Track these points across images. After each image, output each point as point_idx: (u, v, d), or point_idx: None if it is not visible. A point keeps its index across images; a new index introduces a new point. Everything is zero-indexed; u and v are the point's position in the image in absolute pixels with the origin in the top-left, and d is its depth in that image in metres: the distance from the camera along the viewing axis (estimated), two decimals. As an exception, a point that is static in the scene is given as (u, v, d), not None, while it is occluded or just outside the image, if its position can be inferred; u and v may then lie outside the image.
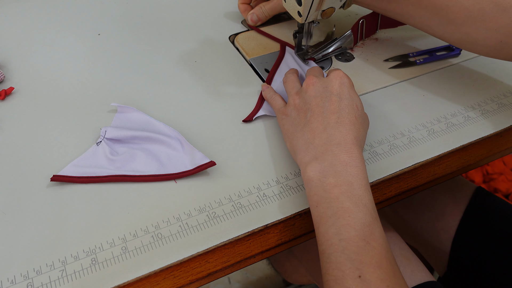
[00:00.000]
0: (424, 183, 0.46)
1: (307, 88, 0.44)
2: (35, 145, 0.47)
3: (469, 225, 0.61)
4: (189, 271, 0.38)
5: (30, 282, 0.36)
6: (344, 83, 0.44)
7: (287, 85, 0.49)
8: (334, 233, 0.35)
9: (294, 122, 0.44)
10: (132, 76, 0.55)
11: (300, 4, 0.49)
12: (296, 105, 0.45)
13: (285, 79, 0.50)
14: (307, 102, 0.43)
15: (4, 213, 0.41)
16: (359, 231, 0.34)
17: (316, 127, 0.41)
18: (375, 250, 0.34)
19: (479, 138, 0.50)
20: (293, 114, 0.44)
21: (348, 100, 0.43)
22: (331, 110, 0.41)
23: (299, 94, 0.45)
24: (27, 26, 0.63)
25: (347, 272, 0.33)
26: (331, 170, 0.38)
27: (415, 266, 0.54)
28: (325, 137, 0.40)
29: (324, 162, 0.39)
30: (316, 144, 0.40)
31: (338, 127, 0.40)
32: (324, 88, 0.44)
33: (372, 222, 0.35)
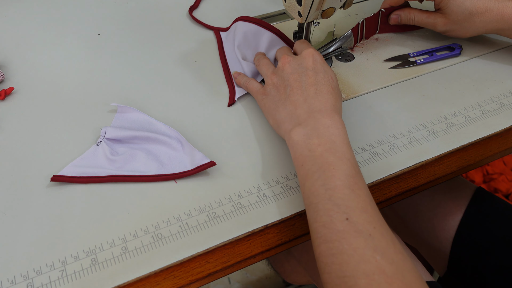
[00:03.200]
0: (424, 183, 0.46)
1: (283, 66, 0.47)
2: (35, 145, 0.47)
3: (470, 225, 0.60)
4: (189, 271, 0.38)
5: (30, 282, 0.36)
6: (317, 59, 0.47)
7: (262, 68, 0.51)
8: (321, 185, 0.37)
9: (274, 99, 0.46)
10: (132, 76, 0.55)
11: (300, 4, 0.49)
12: (274, 83, 0.47)
13: (258, 63, 0.53)
14: (285, 79, 0.46)
15: (4, 213, 0.41)
16: (344, 181, 0.37)
17: (297, 99, 0.44)
18: (360, 197, 0.36)
19: (479, 138, 0.50)
20: (272, 92, 0.47)
21: (323, 73, 0.46)
22: (309, 83, 0.44)
23: (276, 73, 0.48)
24: (27, 26, 0.63)
25: (335, 216, 0.35)
26: (314, 133, 0.40)
27: None
28: (306, 107, 0.43)
29: (308, 127, 0.41)
30: (299, 113, 0.43)
31: (318, 97, 0.43)
32: (299, 65, 0.46)
33: (355, 174, 0.38)
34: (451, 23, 0.56)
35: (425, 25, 0.59)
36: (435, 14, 0.57)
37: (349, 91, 0.54)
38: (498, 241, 0.58)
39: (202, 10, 0.67)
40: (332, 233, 0.34)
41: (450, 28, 0.57)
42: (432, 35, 0.63)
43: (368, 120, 0.51)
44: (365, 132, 0.49)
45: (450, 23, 0.56)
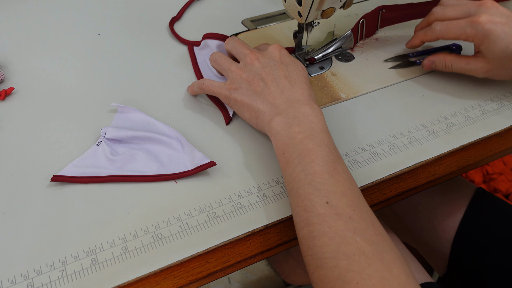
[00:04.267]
0: (424, 183, 0.46)
1: (252, 61, 0.47)
2: (35, 145, 0.47)
3: (469, 225, 0.60)
4: (189, 271, 0.38)
5: (30, 282, 0.36)
6: (283, 53, 0.48)
7: (222, 63, 0.50)
8: (301, 170, 0.38)
9: (248, 92, 0.46)
10: (132, 76, 0.55)
11: (300, 4, 0.49)
12: (244, 78, 0.47)
13: (214, 59, 0.51)
14: (257, 73, 0.46)
15: (4, 213, 0.41)
16: (323, 166, 0.38)
17: (273, 91, 0.44)
18: (339, 182, 0.37)
19: (479, 138, 0.50)
20: (243, 86, 0.46)
21: (293, 65, 0.47)
22: (282, 75, 0.45)
23: (244, 69, 0.47)
24: (27, 26, 0.63)
25: (315, 200, 0.36)
26: (295, 121, 0.41)
27: (413, 267, 0.54)
28: (284, 97, 0.44)
29: (288, 116, 0.42)
30: (278, 104, 0.43)
31: (293, 87, 0.44)
32: (269, 59, 0.47)
33: (334, 159, 0.39)
34: (495, 69, 0.50)
35: (465, 72, 0.53)
36: (476, 59, 0.51)
37: (349, 91, 0.54)
38: (498, 242, 0.58)
39: (202, 10, 0.67)
40: (313, 216, 0.35)
41: (494, 74, 0.51)
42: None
43: (368, 120, 0.51)
44: (365, 132, 0.49)
45: (494, 68, 0.50)
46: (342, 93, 0.54)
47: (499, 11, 0.49)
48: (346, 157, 0.47)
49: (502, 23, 0.47)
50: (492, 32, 0.47)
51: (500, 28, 0.47)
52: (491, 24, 0.48)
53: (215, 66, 0.52)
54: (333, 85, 0.55)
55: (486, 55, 0.49)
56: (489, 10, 0.49)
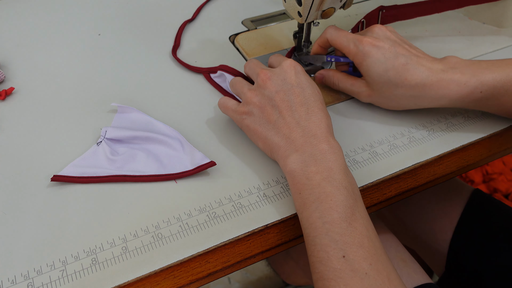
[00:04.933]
0: (424, 183, 0.46)
1: (264, 83, 0.43)
2: (35, 145, 0.47)
3: (467, 226, 0.61)
4: (189, 271, 0.38)
5: (30, 282, 0.36)
6: (299, 71, 0.43)
7: (235, 85, 0.47)
8: (318, 217, 0.36)
9: (261, 120, 0.43)
10: (132, 76, 0.55)
11: (300, 4, 0.49)
12: (256, 103, 0.43)
13: (232, 84, 0.48)
14: (270, 98, 0.42)
15: (5, 213, 0.41)
16: (341, 213, 0.36)
17: (289, 122, 0.41)
18: (357, 230, 0.35)
19: (479, 138, 0.50)
20: (256, 113, 0.43)
21: (310, 88, 0.42)
22: (298, 103, 0.41)
23: (256, 91, 0.44)
24: (27, 26, 0.63)
25: (332, 253, 0.35)
26: (311, 160, 0.39)
27: (411, 268, 0.54)
28: (300, 131, 0.40)
29: (305, 154, 0.39)
30: (294, 138, 0.40)
31: (310, 118, 0.41)
32: (282, 81, 0.43)
33: (353, 203, 0.37)
34: (376, 95, 0.48)
35: (350, 94, 0.51)
36: (360, 82, 0.49)
37: (349, 91, 0.54)
38: (495, 242, 0.58)
39: (203, 12, 0.67)
40: (329, 271, 0.34)
41: (376, 101, 0.49)
42: (432, 34, 0.63)
43: (368, 120, 0.51)
44: (365, 132, 0.49)
45: (374, 95, 0.48)
46: (342, 93, 0.54)
47: (385, 35, 0.47)
48: (346, 157, 0.47)
49: (384, 48, 0.45)
50: (371, 55, 0.46)
51: (380, 52, 0.45)
52: (372, 47, 0.46)
53: (233, 91, 0.48)
54: (333, 85, 0.55)
55: (366, 78, 0.48)
56: (375, 33, 0.47)
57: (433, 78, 0.44)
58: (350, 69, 0.52)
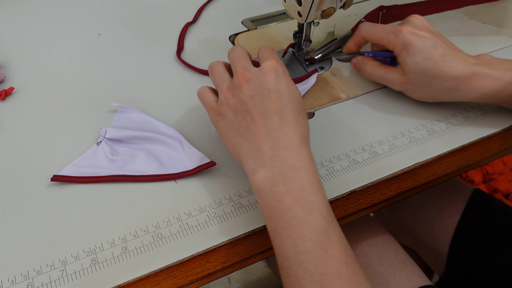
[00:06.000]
0: (424, 183, 0.46)
1: (241, 85, 0.40)
2: (35, 145, 0.47)
3: (467, 226, 0.61)
4: (189, 271, 0.38)
5: (30, 282, 0.36)
6: (280, 75, 0.40)
7: (215, 78, 0.43)
8: (290, 246, 0.34)
9: (233, 125, 0.40)
10: (132, 76, 0.55)
11: (300, 4, 0.49)
12: (231, 105, 0.40)
13: (212, 70, 0.44)
14: (244, 103, 0.39)
15: (4, 213, 0.41)
16: (315, 241, 0.33)
17: (259, 131, 0.38)
18: (334, 258, 0.33)
19: (479, 138, 0.50)
20: (229, 116, 0.40)
21: (288, 95, 0.39)
22: (272, 110, 0.38)
23: (232, 91, 0.41)
24: (27, 26, 0.63)
25: (308, 286, 0.32)
26: (281, 178, 0.36)
27: (410, 270, 0.54)
28: (270, 142, 0.37)
29: (273, 170, 0.36)
30: (262, 150, 0.37)
31: (283, 128, 0.37)
32: (259, 85, 0.39)
33: (327, 227, 0.34)
34: (410, 83, 0.48)
35: (382, 82, 0.51)
36: (394, 70, 0.50)
37: (349, 91, 0.54)
38: (496, 242, 0.58)
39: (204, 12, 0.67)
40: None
41: (409, 89, 0.50)
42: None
43: (368, 120, 0.51)
44: (365, 132, 0.49)
45: (408, 83, 0.49)
46: (342, 93, 0.54)
47: (424, 25, 0.48)
48: (346, 157, 0.47)
49: (424, 37, 0.46)
50: (411, 43, 0.46)
51: (420, 41, 0.46)
52: (412, 35, 0.46)
53: (212, 81, 0.45)
54: (333, 85, 0.55)
55: (404, 67, 0.48)
56: (414, 23, 0.48)
57: (468, 72, 0.45)
58: (387, 59, 0.52)
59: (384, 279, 0.52)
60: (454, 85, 0.46)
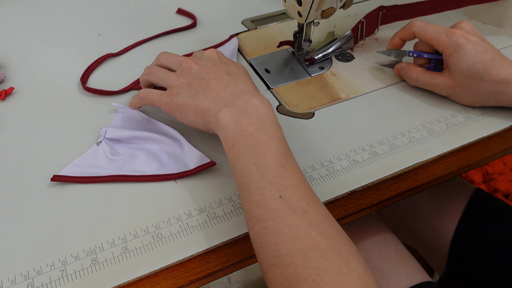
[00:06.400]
0: (424, 183, 0.46)
1: (190, 65, 0.45)
2: (35, 145, 0.47)
3: (468, 225, 0.61)
4: (189, 271, 0.38)
5: (30, 282, 0.36)
6: (221, 55, 0.47)
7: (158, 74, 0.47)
8: (252, 163, 0.36)
9: (189, 93, 0.43)
10: (132, 76, 0.55)
11: (300, 4, 0.49)
12: (184, 82, 0.44)
13: (150, 71, 0.48)
14: (197, 74, 0.44)
15: (4, 213, 0.41)
16: (276, 159, 0.36)
17: (217, 87, 0.42)
18: (292, 174, 0.36)
19: (479, 138, 0.50)
20: (184, 89, 0.43)
21: (233, 64, 0.46)
22: (223, 72, 0.44)
23: (182, 73, 0.45)
24: (27, 26, 0.63)
25: (268, 194, 0.34)
26: (244, 112, 0.39)
27: (411, 266, 0.55)
28: (230, 90, 0.42)
29: (236, 107, 0.40)
30: (224, 97, 0.41)
31: (237, 81, 0.43)
32: (207, 61, 0.45)
33: (286, 152, 0.38)
34: (458, 87, 0.50)
35: (429, 88, 0.53)
36: (442, 75, 0.51)
37: (349, 91, 0.54)
38: (496, 241, 0.58)
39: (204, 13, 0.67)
40: (266, 211, 0.34)
41: (456, 92, 0.51)
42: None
43: (368, 120, 0.51)
44: (365, 132, 0.49)
45: (457, 86, 0.50)
46: (342, 93, 0.54)
47: (474, 31, 0.50)
48: (346, 157, 0.47)
49: (475, 42, 0.48)
50: (463, 46, 0.48)
51: (471, 45, 0.48)
52: (464, 39, 0.48)
53: (152, 79, 0.47)
54: (333, 85, 0.55)
55: (452, 70, 0.49)
56: (464, 28, 0.50)
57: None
58: (431, 65, 0.54)
59: (384, 274, 0.53)
60: (502, 89, 0.48)
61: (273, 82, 0.56)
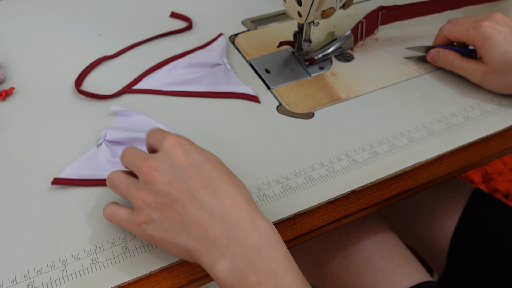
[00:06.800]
0: (424, 183, 0.46)
1: (152, 178, 0.34)
2: (35, 145, 0.47)
3: (467, 224, 0.61)
4: (189, 271, 0.38)
5: (30, 282, 0.36)
6: (187, 147, 0.35)
7: (118, 186, 0.37)
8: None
9: (164, 225, 0.34)
10: (133, 77, 0.55)
11: (300, 4, 0.49)
12: (150, 204, 0.34)
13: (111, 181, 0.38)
14: (165, 194, 0.33)
15: (5, 212, 0.41)
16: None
17: (199, 217, 0.32)
18: None
19: (479, 138, 0.50)
20: (155, 217, 0.34)
21: (208, 163, 0.34)
22: (200, 188, 0.33)
23: (145, 190, 0.35)
24: (27, 26, 0.63)
25: None
26: (247, 265, 0.31)
27: (412, 266, 0.55)
28: (218, 224, 0.32)
29: (235, 257, 0.31)
30: (213, 237, 0.32)
31: (224, 200, 0.33)
32: (171, 167, 0.34)
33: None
34: (491, 73, 0.51)
35: (463, 72, 0.54)
36: (477, 62, 0.53)
37: (349, 91, 0.54)
38: (495, 240, 0.58)
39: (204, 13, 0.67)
40: None
41: (489, 79, 0.52)
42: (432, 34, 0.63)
43: (368, 120, 0.51)
44: (365, 132, 0.50)
45: (490, 72, 0.51)
46: (342, 93, 0.54)
47: (505, 22, 0.51)
48: (346, 157, 0.47)
49: (504, 32, 0.49)
50: (492, 36, 0.49)
51: (501, 35, 0.49)
52: (493, 30, 0.50)
53: (113, 190, 0.38)
54: (333, 85, 0.55)
55: (485, 59, 0.51)
56: (495, 19, 0.51)
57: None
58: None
59: (386, 274, 0.53)
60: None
61: (273, 82, 0.56)
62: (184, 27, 0.63)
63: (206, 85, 0.53)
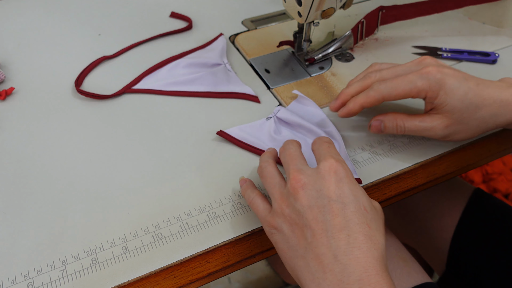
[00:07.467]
0: (424, 183, 0.46)
1: (296, 193, 0.34)
2: (35, 145, 0.47)
3: (467, 224, 0.61)
4: (189, 271, 0.38)
5: (30, 282, 0.36)
6: (341, 178, 0.34)
7: (266, 182, 0.38)
8: None
9: (290, 242, 0.34)
10: (133, 77, 0.55)
11: (300, 4, 0.49)
12: (286, 216, 0.34)
13: (262, 173, 0.39)
14: (301, 215, 0.33)
15: (5, 213, 0.41)
16: None
17: (323, 254, 0.31)
18: None
19: (479, 138, 0.50)
20: (285, 230, 0.34)
21: (354, 204, 0.33)
22: (336, 226, 0.32)
23: (287, 200, 0.35)
24: (27, 26, 0.63)
25: None
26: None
27: (411, 267, 0.55)
28: (338, 271, 0.31)
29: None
30: (329, 281, 0.31)
31: (352, 251, 0.31)
32: (318, 192, 0.33)
33: None
34: (454, 124, 0.43)
35: (421, 133, 0.45)
36: (431, 116, 0.44)
37: (349, 91, 0.54)
38: (496, 241, 0.58)
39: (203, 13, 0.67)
40: None
41: (454, 130, 0.44)
42: (432, 34, 0.63)
43: (368, 120, 0.51)
44: (365, 132, 0.50)
45: (452, 123, 0.43)
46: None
47: (441, 63, 0.44)
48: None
49: (451, 73, 0.43)
50: (446, 81, 0.42)
51: (452, 78, 0.42)
52: (442, 74, 0.42)
53: (261, 180, 0.39)
54: (333, 85, 0.55)
55: (444, 109, 0.43)
56: (429, 63, 0.44)
57: (506, 93, 0.43)
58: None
59: None
60: (498, 110, 0.43)
61: (273, 82, 0.56)
62: (184, 27, 0.63)
63: (206, 85, 0.53)
